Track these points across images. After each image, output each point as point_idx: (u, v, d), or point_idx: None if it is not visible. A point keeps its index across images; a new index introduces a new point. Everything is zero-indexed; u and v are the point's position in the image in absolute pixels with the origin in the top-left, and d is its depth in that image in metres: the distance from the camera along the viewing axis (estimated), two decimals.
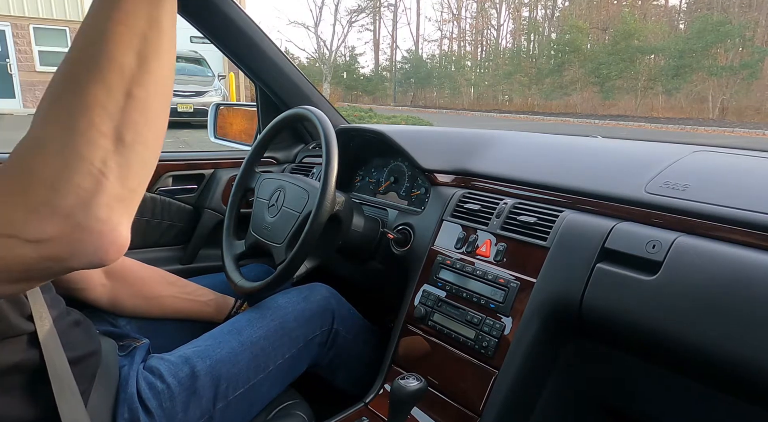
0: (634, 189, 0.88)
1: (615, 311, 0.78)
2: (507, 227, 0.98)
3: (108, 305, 1.01)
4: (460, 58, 30.98)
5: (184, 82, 11.31)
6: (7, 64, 13.49)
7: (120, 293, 1.02)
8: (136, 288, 1.04)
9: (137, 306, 1.04)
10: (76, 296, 0.98)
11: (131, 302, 1.04)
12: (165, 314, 1.08)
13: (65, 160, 0.39)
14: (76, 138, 0.39)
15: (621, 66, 19.27)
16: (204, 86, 11.48)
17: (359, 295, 1.24)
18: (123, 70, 0.41)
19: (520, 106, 23.94)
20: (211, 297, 1.13)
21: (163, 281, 1.09)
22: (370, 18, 31.48)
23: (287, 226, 1.05)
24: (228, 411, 0.88)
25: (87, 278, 0.98)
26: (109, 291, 1.01)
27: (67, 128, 0.39)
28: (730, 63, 16.94)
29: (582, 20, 22.69)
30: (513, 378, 0.88)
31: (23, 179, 0.39)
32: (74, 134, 0.39)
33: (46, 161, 0.39)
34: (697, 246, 0.74)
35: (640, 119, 16.63)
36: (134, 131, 0.42)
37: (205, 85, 11.58)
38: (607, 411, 1.03)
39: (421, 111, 22.13)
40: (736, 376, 0.69)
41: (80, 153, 0.39)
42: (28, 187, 0.39)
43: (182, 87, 11.09)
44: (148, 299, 1.05)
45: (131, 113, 0.41)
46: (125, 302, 1.03)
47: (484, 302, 0.95)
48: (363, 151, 1.44)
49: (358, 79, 33.30)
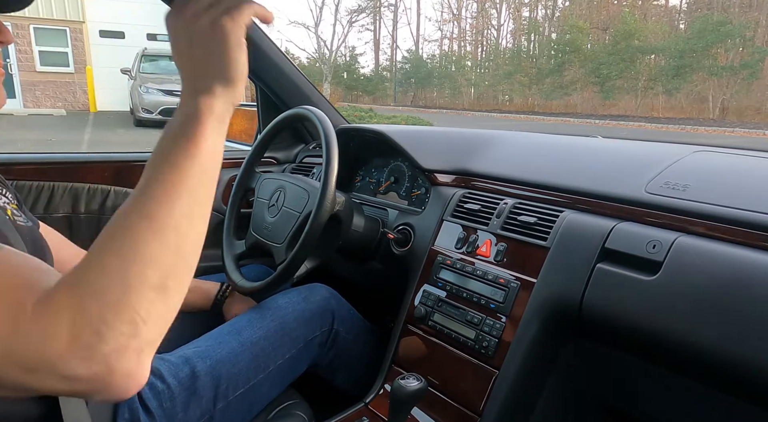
0: (634, 189, 0.88)
1: (615, 311, 0.78)
2: (507, 227, 0.98)
3: None
4: (461, 58, 31.01)
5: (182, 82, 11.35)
6: (8, 64, 13.50)
7: None
8: None
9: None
10: None
11: None
12: None
13: (115, 310, 0.41)
14: (128, 292, 0.42)
15: (621, 66, 19.29)
16: None
17: (359, 295, 1.24)
18: (179, 229, 0.46)
19: (521, 106, 23.95)
20: (192, 284, 1.12)
21: None
22: (370, 18, 31.51)
23: (287, 226, 1.05)
24: (228, 411, 0.88)
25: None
26: None
27: (121, 280, 0.42)
28: (730, 63, 16.95)
29: (582, 20, 22.69)
30: (513, 378, 0.88)
31: (70, 320, 0.40)
32: (127, 288, 0.42)
33: (96, 309, 0.41)
34: (698, 246, 0.74)
35: (641, 119, 16.64)
36: (177, 280, 0.46)
37: None
38: (607, 411, 1.03)
39: (422, 111, 22.14)
40: (736, 376, 0.69)
41: (130, 304, 0.42)
42: (75, 329, 0.40)
43: (180, 87, 11.12)
44: None
45: (178, 265, 0.46)
46: None
47: (484, 303, 0.95)
48: (363, 151, 1.44)
49: (358, 79, 33.32)
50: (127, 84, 12.24)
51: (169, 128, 0.52)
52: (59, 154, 1.43)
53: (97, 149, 7.98)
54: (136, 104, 11.16)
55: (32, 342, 0.40)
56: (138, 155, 1.47)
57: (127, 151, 1.54)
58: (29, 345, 0.40)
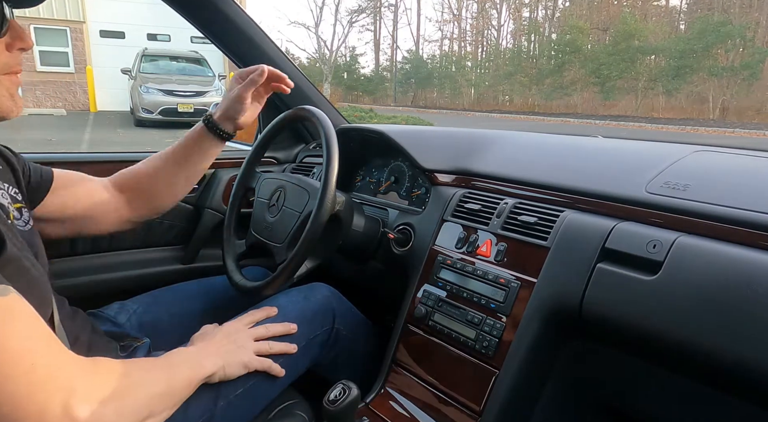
0: (634, 189, 0.88)
1: (615, 311, 0.78)
2: (507, 227, 0.98)
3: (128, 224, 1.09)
4: (461, 58, 30.98)
5: (184, 82, 11.29)
6: None
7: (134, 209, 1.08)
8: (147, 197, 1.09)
9: (154, 208, 1.11)
10: (90, 233, 1.05)
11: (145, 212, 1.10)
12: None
13: None
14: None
15: (621, 66, 19.27)
16: (204, 86, 11.45)
17: (360, 295, 1.24)
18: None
19: (521, 106, 23.94)
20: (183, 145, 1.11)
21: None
22: (370, 18, 31.51)
23: (288, 226, 1.05)
24: (229, 410, 0.88)
25: (101, 208, 1.03)
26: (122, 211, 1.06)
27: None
28: (730, 64, 16.93)
29: (582, 21, 22.67)
30: (513, 378, 0.88)
31: None
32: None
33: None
34: (698, 246, 0.74)
35: (641, 120, 16.62)
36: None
37: (206, 85, 11.55)
38: (607, 411, 1.02)
39: (422, 111, 22.13)
40: (736, 376, 0.69)
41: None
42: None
43: (183, 87, 11.06)
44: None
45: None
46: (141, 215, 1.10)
47: (484, 302, 0.95)
48: (363, 151, 1.44)
49: (358, 79, 33.32)
50: (127, 84, 12.21)
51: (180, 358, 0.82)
52: (59, 154, 1.43)
53: (98, 148, 7.98)
54: (136, 104, 11.13)
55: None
56: (137, 155, 1.47)
57: (127, 151, 1.54)
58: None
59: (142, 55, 11.99)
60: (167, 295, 1.13)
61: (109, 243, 1.39)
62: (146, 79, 11.18)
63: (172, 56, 12.77)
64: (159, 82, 11.07)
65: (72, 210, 0.99)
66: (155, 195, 1.08)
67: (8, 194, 0.78)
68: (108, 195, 1.04)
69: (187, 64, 12.46)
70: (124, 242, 1.41)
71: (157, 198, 1.09)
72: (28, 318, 0.57)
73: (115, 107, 14.00)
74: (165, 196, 1.10)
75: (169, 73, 11.72)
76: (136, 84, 11.18)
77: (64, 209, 0.97)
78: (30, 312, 0.58)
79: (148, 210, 1.10)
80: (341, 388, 0.75)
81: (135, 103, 11.29)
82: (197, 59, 12.70)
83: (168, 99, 10.82)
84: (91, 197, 1.02)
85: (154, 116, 10.83)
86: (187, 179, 1.10)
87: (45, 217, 0.95)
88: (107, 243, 1.39)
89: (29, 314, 0.58)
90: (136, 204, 1.07)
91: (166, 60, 12.41)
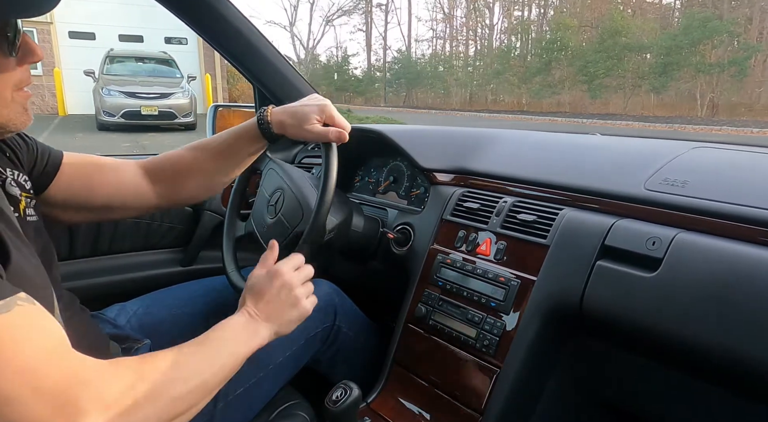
0: (633, 186, 0.89)
1: (615, 308, 0.79)
2: (507, 226, 0.98)
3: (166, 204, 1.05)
4: (450, 58, 31.00)
5: (149, 84, 10.87)
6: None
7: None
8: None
9: (188, 199, 1.08)
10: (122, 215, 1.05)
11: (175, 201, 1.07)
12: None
13: None
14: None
15: (608, 64, 19.23)
16: (170, 88, 11.01)
17: (360, 295, 1.24)
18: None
19: (510, 105, 23.95)
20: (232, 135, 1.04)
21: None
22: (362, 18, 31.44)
23: (280, 236, 1.02)
24: (228, 410, 0.88)
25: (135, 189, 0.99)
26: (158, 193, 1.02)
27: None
28: (718, 60, 16.99)
29: (573, 18, 22.68)
30: (515, 376, 0.89)
31: None
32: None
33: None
34: (697, 243, 0.74)
35: (628, 118, 16.65)
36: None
37: (172, 86, 11.10)
38: (608, 408, 1.03)
39: (412, 111, 22.07)
40: (736, 372, 0.69)
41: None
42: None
43: (146, 89, 10.66)
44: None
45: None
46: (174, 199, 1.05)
47: (484, 301, 0.95)
48: (362, 151, 1.44)
49: (349, 80, 33.24)
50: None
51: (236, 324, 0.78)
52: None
53: None
54: (98, 107, 10.57)
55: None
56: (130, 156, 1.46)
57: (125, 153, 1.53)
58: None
59: (107, 57, 11.57)
60: (167, 296, 1.12)
61: (109, 246, 1.38)
62: (108, 81, 10.70)
63: (138, 58, 12.33)
64: (121, 85, 10.60)
65: (97, 197, 0.95)
66: (192, 186, 1.03)
67: (19, 184, 0.76)
68: (137, 182, 0.99)
69: (156, 65, 12.01)
70: (124, 244, 1.40)
71: (193, 189, 1.04)
72: (44, 327, 0.55)
73: (86, 110, 13.03)
74: (202, 189, 1.05)
75: (135, 75, 11.26)
76: (98, 86, 10.72)
77: (90, 194, 0.93)
78: (48, 320, 0.56)
79: (182, 200, 1.06)
80: (343, 389, 0.75)
81: (97, 107, 10.72)
82: (166, 60, 12.27)
83: (130, 101, 10.38)
84: (118, 184, 0.97)
85: (116, 119, 10.38)
86: (227, 174, 1.05)
87: (61, 203, 0.90)
88: (107, 246, 1.38)
89: (47, 322, 0.56)
90: (168, 192, 1.02)
91: (133, 61, 11.98)
